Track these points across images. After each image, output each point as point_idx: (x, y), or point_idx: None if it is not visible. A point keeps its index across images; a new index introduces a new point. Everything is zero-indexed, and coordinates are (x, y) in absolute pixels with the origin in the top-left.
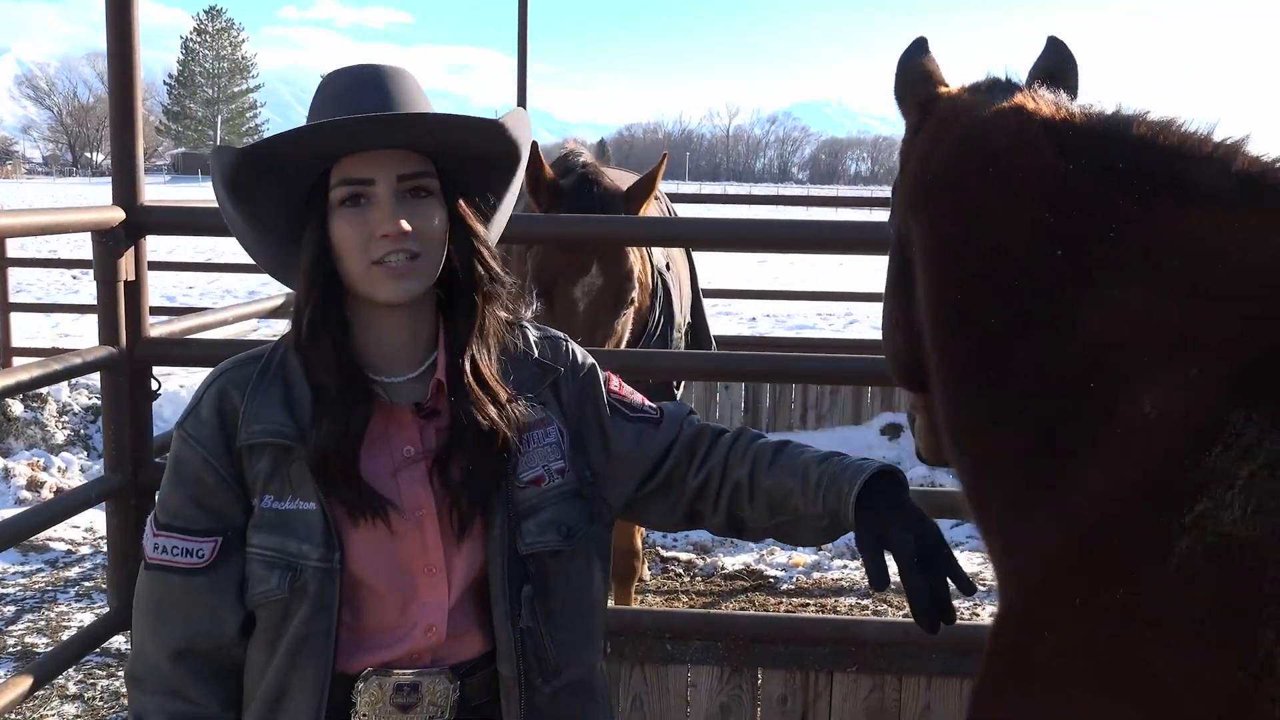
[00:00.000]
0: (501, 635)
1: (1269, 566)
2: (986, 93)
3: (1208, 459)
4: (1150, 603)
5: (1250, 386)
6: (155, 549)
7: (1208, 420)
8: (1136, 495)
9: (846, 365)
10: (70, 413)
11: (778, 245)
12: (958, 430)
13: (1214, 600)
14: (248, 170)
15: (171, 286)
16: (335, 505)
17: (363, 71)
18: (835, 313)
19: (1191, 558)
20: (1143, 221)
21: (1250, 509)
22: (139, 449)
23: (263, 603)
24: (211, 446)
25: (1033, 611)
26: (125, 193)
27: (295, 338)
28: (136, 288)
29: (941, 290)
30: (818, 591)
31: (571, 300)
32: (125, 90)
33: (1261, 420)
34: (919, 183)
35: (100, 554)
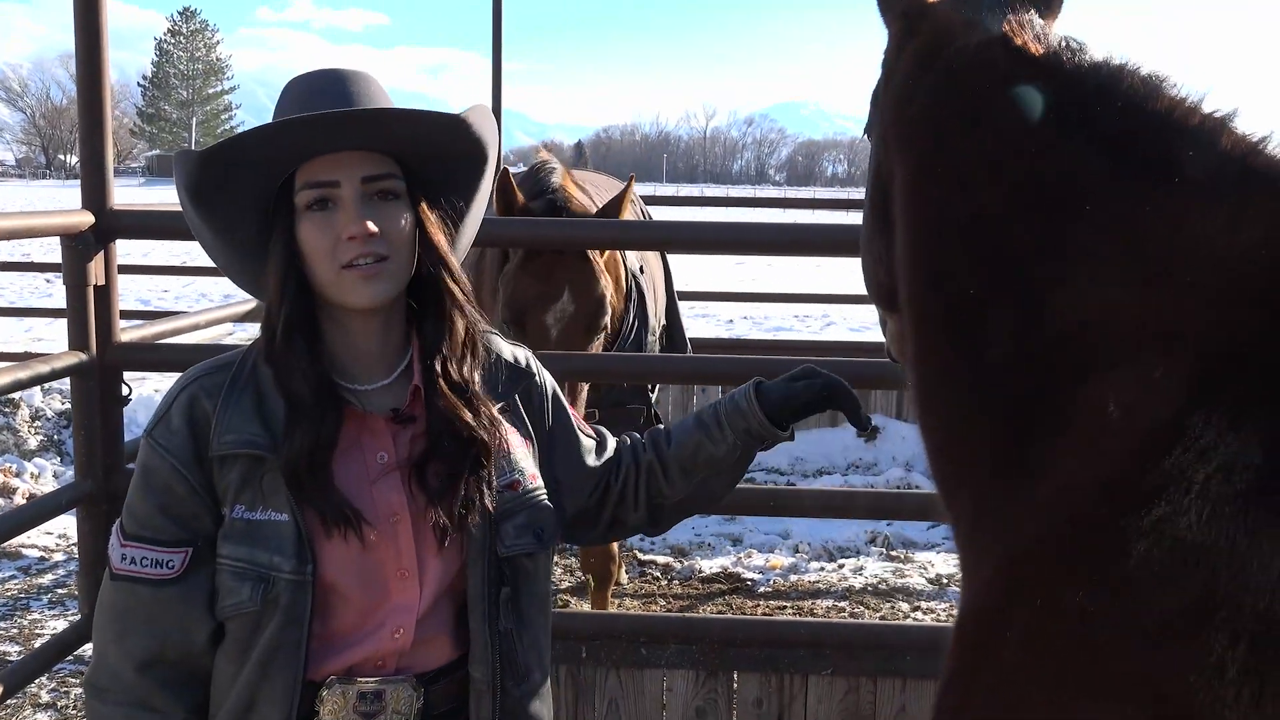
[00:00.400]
0: (478, 639)
1: (1222, 572)
2: (974, 8)
3: (1167, 461)
4: (1110, 605)
5: (1211, 387)
6: (122, 559)
7: (1170, 422)
8: (1099, 495)
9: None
10: (43, 418)
11: (753, 248)
12: (927, 402)
13: (1170, 604)
14: (210, 175)
15: (146, 290)
16: (308, 515)
17: (325, 75)
18: (812, 314)
19: (1149, 561)
20: (1120, 198)
21: (1206, 514)
22: (110, 455)
23: (234, 615)
24: (182, 455)
25: (998, 608)
26: (95, 197)
27: (267, 346)
28: (106, 292)
29: (920, 247)
30: (794, 594)
31: (544, 327)
32: (94, 94)
33: (1219, 423)
34: (901, 116)
35: (74, 560)
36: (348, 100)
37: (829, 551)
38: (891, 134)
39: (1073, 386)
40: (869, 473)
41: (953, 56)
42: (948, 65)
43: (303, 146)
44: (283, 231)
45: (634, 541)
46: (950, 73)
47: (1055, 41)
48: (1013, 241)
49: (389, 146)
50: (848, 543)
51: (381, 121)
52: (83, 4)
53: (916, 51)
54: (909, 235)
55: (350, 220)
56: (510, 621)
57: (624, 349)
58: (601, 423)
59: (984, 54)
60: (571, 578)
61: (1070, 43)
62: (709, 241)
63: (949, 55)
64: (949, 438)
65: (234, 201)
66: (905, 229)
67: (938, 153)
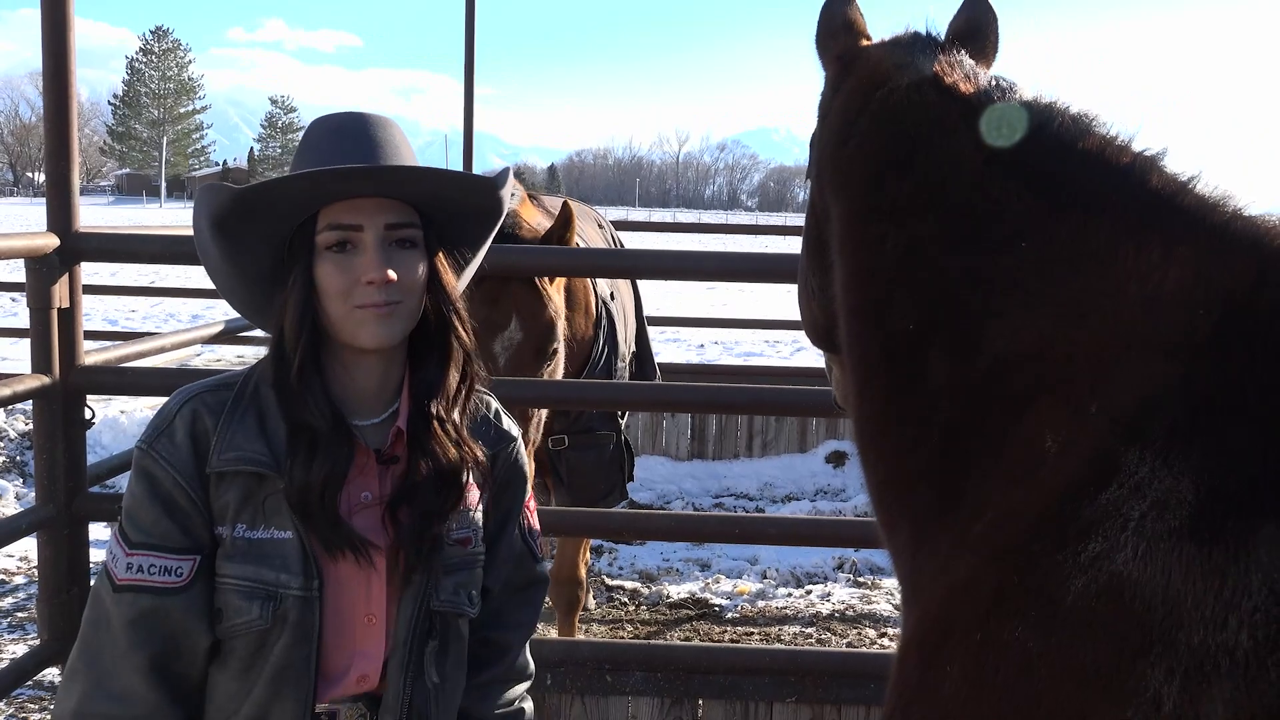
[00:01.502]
0: (393, 686)
1: (1157, 608)
2: (907, 51)
3: (1104, 496)
4: (1047, 640)
5: (1143, 424)
6: (129, 569)
7: (1105, 457)
8: (1036, 529)
9: (786, 396)
10: (5, 439)
11: (714, 275)
12: (868, 438)
13: (1107, 639)
14: (238, 209)
15: (114, 310)
16: (312, 534)
17: (354, 119)
18: (783, 340)
19: (1086, 596)
20: (1051, 234)
21: (1141, 550)
22: (72, 478)
23: (243, 633)
24: (184, 469)
25: (937, 645)
26: (60, 219)
27: (278, 375)
28: (71, 315)
29: (856, 283)
30: (762, 620)
31: (491, 355)
32: (61, 116)
33: (1152, 459)
34: (837, 156)
35: (34, 584)
36: (375, 146)
37: (797, 577)
38: (828, 174)
39: (1007, 420)
40: (837, 498)
41: (886, 96)
42: (881, 105)
43: (335, 192)
44: (303, 268)
45: (602, 566)
46: (884, 113)
47: (986, 81)
48: (946, 275)
49: (416, 199)
50: (815, 569)
51: (424, 180)
52: (50, 29)
53: (850, 93)
54: (845, 272)
55: (371, 265)
56: (434, 676)
57: (594, 375)
58: (571, 449)
59: (916, 94)
60: None
61: (1000, 82)
62: (668, 269)
63: (882, 95)
64: (888, 472)
65: (254, 234)
66: (842, 266)
67: (873, 190)
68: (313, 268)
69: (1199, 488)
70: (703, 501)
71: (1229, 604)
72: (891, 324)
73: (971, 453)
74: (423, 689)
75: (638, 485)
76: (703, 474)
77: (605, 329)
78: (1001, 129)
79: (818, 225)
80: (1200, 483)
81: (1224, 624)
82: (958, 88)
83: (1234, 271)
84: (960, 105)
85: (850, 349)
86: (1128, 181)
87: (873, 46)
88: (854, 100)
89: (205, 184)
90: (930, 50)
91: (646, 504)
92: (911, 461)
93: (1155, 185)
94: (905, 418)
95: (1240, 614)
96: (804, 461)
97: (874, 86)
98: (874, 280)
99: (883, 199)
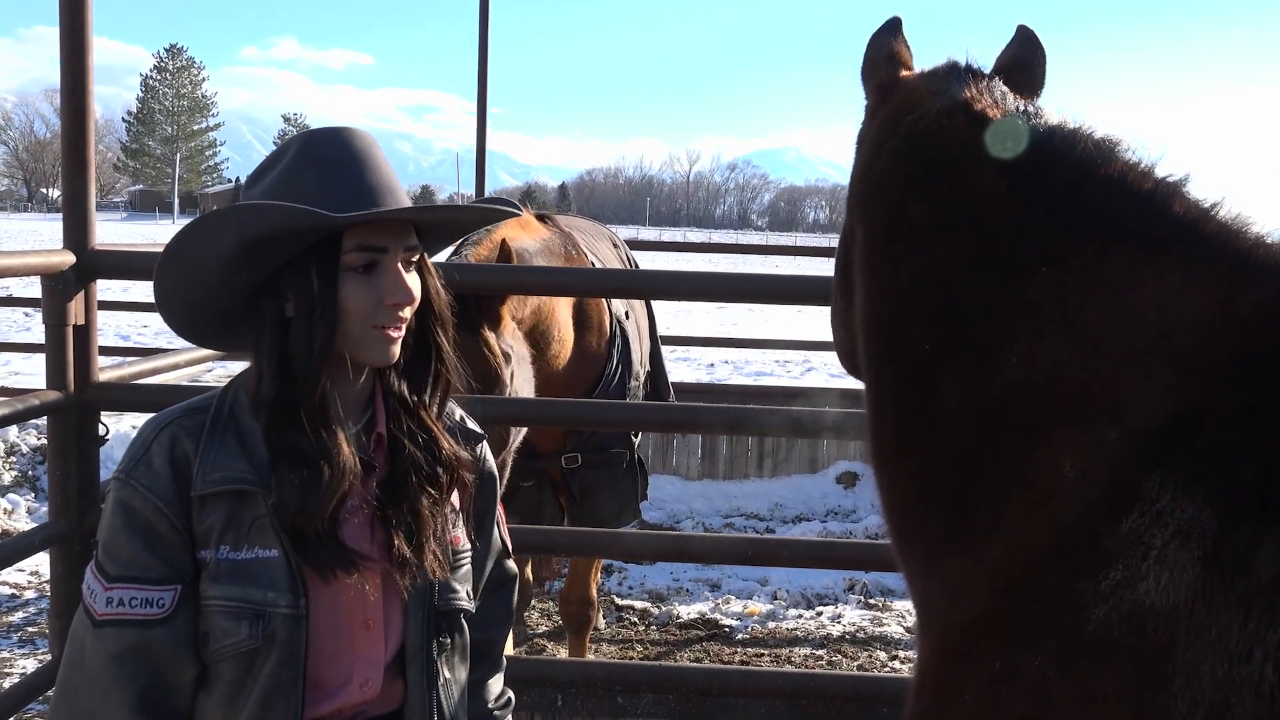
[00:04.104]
0: (415, 690)
1: (1180, 639)
2: (943, 79)
3: (1124, 524)
4: (1066, 670)
5: (1163, 451)
6: (109, 604)
7: (1125, 484)
8: (1053, 557)
9: (794, 418)
10: (18, 454)
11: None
12: (881, 461)
13: (1129, 671)
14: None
15: (126, 325)
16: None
17: (353, 142)
18: (793, 360)
19: (1107, 626)
20: (1070, 262)
21: (1165, 580)
22: (86, 494)
23: (231, 654)
24: (165, 495)
25: (953, 674)
26: (76, 236)
27: (281, 398)
28: (86, 331)
29: (874, 309)
30: (772, 641)
31: None
32: (78, 134)
33: (1174, 487)
34: (865, 178)
35: (45, 598)
36: (381, 173)
37: (807, 599)
38: (855, 196)
39: (1020, 446)
40: (848, 519)
41: (915, 121)
42: (910, 129)
43: (369, 217)
44: (327, 288)
45: (612, 586)
46: (911, 136)
47: (1013, 106)
48: (963, 298)
49: (432, 223)
50: (826, 590)
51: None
52: (69, 48)
53: (884, 119)
54: (864, 293)
55: (399, 288)
56: (448, 673)
57: (607, 393)
58: (585, 467)
59: (945, 119)
60: (549, 622)
61: (1028, 108)
62: (685, 290)
63: (912, 120)
64: (900, 496)
65: (269, 254)
66: (862, 288)
67: (895, 212)
68: (337, 287)
69: (1222, 516)
70: (713, 521)
71: (1254, 636)
72: (906, 346)
73: (984, 479)
74: (441, 688)
75: (648, 505)
76: (713, 494)
77: (619, 347)
78: (1006, 142)
79: (846, 248)
80: (1223, 511)
81: (1249, 657)
82: (986, 114)
83: (1255, 299)
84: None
85: (866, 370)
86: (1149, 208)
87: (911, 75)
88: (886, 125)
89: (253, 203)
90: (965, 79)
91: (657, 524)
92: (923, 485)
93: (1177, 212)
94: (916, 440)
95: (1266, 646)
96: (815, 482)
97: (906, 112)
98: (890, 301)
99: (904, 221)
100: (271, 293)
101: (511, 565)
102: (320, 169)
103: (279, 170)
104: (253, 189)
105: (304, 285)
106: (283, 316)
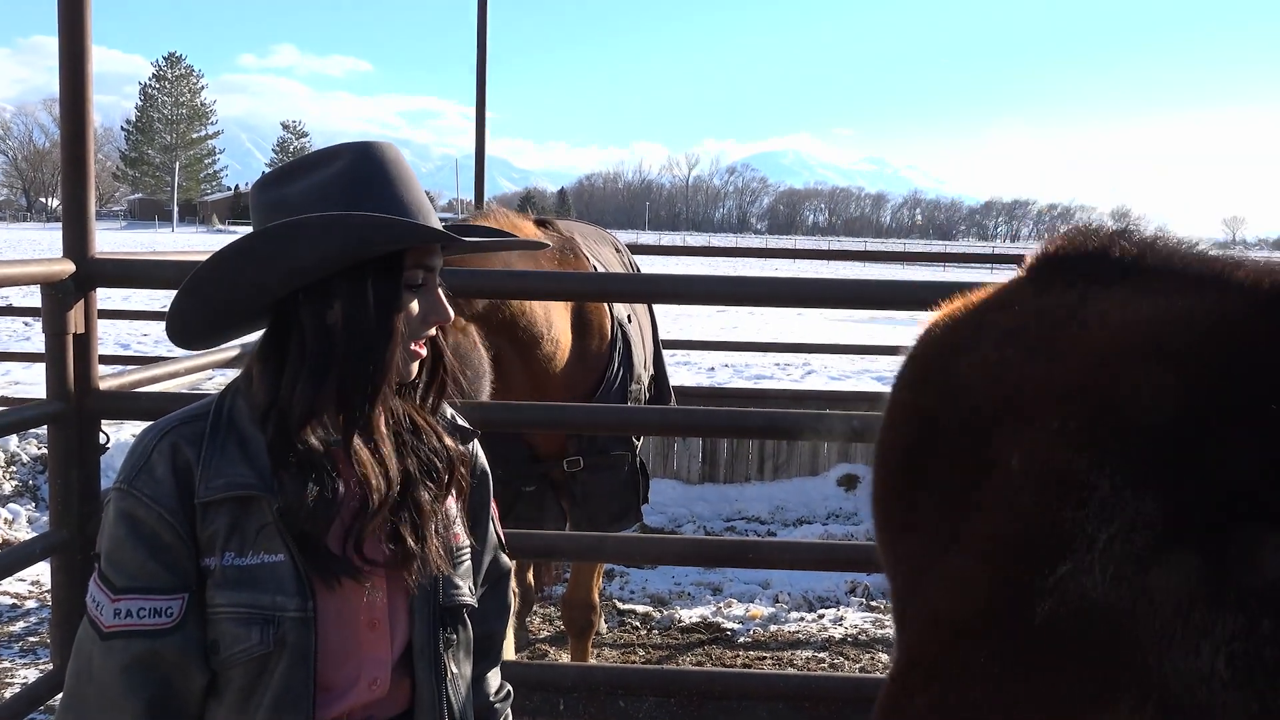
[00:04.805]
0: (425, 688)
1: (1125, 633)
2: None
3: (1069, 515)
4: (1014, 668)
5: (1108, 442)
6: (116, 615)
7: (1069, 474)
8: (1004, 553)
9: (793, 420)
10: (19, 463)
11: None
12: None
13: (1077, 665)
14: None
15: (126, 334)
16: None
17: (400, 158)
18: (793, 363)
19: (1054, 621)
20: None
21: (1110, 574)
22: (87, 503)
23: (242, 660)
24: (168, 504)
25: (906, 676)
26: (76, 245)
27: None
28: (86, 340)
29: None
30: (774, 644)
31: None
32: (77, 143)
33: (1118, 478)
34: None
35: (46, 608)
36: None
37: (809, 601)
38: None
39: (979, 450)
40: (849, 522)
41: None
42: None
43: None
44: (391, 303)
45: (614, 590)
46: None
47: None
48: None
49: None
50: (828, 592)
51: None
52: (68, 57)
53: None
54: None
55: (441, 307)
56: (455, 669)
57: (609, 397)
58: (586, 470)
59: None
60: (551, 627)
61: None
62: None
63: None
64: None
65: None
66: None
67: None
68: (401, 304)
69: (1165, 509)
70: (714, 525)
71: (1200, 629)
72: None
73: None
74: (449, 684)
75: (649, 508)
76: (714, 497)
77: (620, 351)
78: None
79: None
80: (1166, 503)
81: (1196, 650)
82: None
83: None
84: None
85: None
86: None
87: None
88: None
89: (362, 214)
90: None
91: (658, 527)
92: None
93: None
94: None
95: (1214, 640)
96: (816, 485)
97: None
98: None
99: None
100: (316, 299)
101: (506, 559)
102: (385, 186)
103: (332, 179)
104: (286, 187)
105: (359, 296)
106: (324, 324)
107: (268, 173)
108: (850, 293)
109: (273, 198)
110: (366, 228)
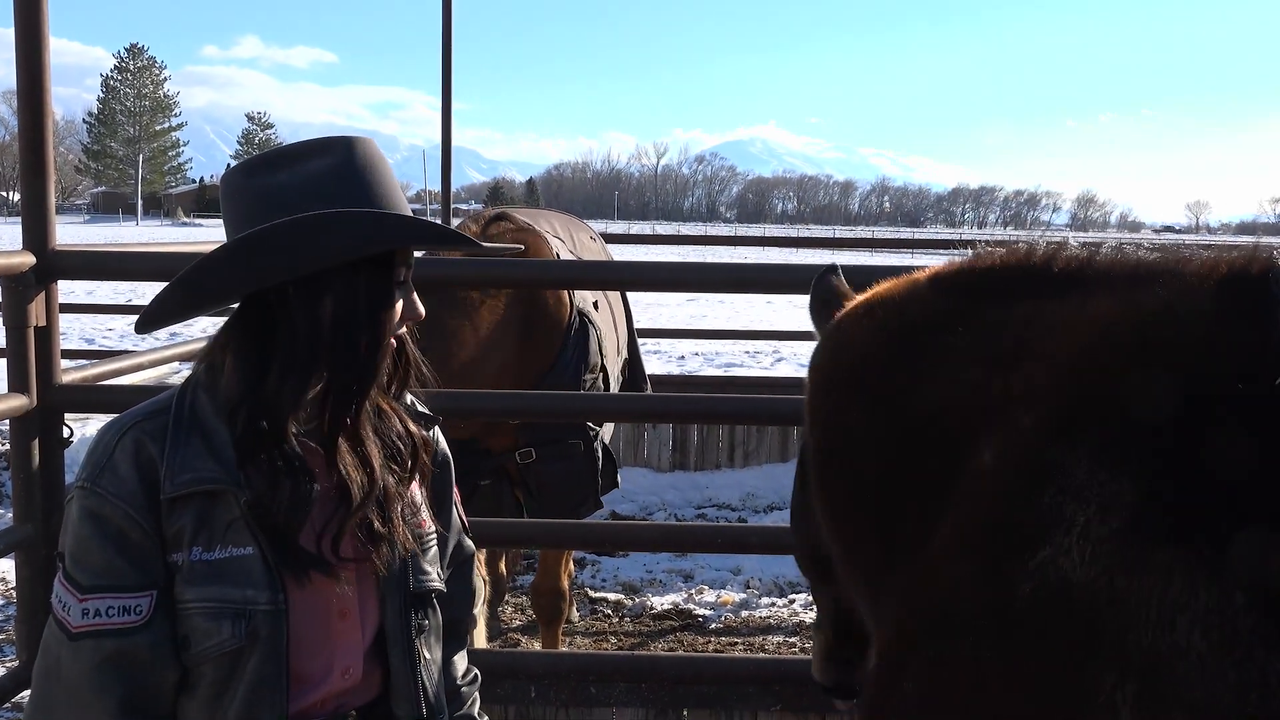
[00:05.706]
0: (399, 675)
1: (1104, 611)
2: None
3: (1044, 500)
4: (997, 649)
5: (1076, 430)
6: (84, 615)
7: (1041, 462)
8: (980, 540)
9: (765, 405)
10: None
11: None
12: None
13: (1057, 645)
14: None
15: (90, 328)
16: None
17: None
18: (763, 350)
19: (1035, 602)
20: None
21: (1088, 554)
22: (50, 498)
23: (214, 655)
24: (133, 501)
25: (895, 663)
26: (36, 237)
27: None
28: (48, 333)
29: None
30: (745, 630)
31: None
32: (36, 133)
33: (1089, 461)
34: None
35: (12, 605)
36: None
37: (780, 587)
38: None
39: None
40: None
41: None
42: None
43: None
44: (384, 300)
45: (585, 578)
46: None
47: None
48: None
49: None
50: (799, 578)
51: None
52: (24, 47)
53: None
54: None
55: (417, 305)
56: (427, 654)
57: (560, 384)
58: (539, 461)
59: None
60: (523, 616)
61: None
62: (654, 280)
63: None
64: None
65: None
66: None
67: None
68: (394, 301)
69: (1138, 487)
70: (685, 512)
71: (1176, 604)
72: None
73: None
74: (422, 669)
75: (620, 496)
76: (685, 485)
77: (574, 340)
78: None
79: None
80: (1138, 481)
81: (1173, 625)
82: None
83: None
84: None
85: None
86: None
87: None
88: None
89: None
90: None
91: (629, 515)
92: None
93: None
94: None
95: (1190, 614)
96: (786, 471)
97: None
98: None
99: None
100: (308, 292)
101: (469, 543)
102: (378, 183)
103: (325, 173)
104: (271, 176)
105: (352, 292)
106: (317, 318)
107: (248, 159)
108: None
109: (258, 186)
110: (398, 225)
